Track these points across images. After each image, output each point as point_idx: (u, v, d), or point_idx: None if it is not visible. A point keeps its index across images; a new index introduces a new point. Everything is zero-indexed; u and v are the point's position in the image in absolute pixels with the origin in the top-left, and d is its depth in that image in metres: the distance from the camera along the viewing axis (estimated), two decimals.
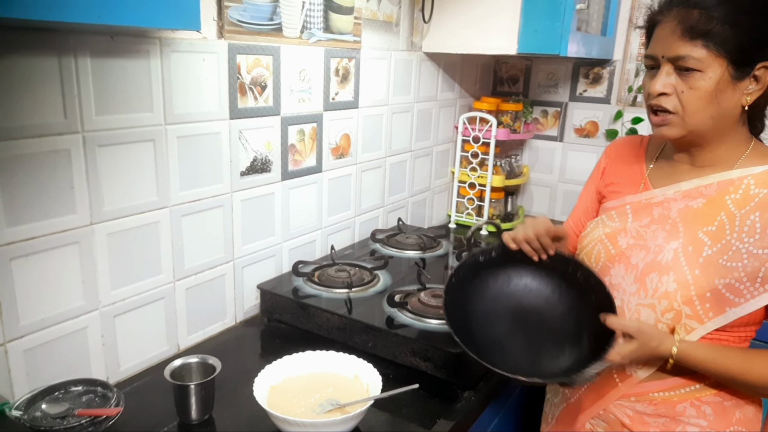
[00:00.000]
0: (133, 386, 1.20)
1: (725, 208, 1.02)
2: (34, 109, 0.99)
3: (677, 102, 1.00)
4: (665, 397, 1.05)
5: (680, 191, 1.08)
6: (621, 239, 1.11)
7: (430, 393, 1.18)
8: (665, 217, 1.08)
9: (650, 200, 1.11)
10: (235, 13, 1.30)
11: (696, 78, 0.97)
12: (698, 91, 0.98)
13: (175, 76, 1.20)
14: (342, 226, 1.82)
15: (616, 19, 2.23)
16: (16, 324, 1.02)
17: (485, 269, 1.15)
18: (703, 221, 1.03)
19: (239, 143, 1.39)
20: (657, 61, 1.01)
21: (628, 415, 1.08)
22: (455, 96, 2.31)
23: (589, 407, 1.13)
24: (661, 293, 1.03)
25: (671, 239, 1.04)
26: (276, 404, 1.04)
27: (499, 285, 1.15)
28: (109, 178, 1.12)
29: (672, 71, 0.99)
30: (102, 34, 1.06)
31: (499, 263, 1.15)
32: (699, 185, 1.06)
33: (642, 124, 2.27)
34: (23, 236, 1.01)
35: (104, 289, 1.15)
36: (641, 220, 1.10)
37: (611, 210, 1.17)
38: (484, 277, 1.15)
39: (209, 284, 1.39)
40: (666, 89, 1.00)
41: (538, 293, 1.14)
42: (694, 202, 1.05)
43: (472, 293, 1.14)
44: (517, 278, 1.15)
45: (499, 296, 1.14)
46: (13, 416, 0.89)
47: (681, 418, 1.05)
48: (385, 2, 1.79)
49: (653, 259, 1.05)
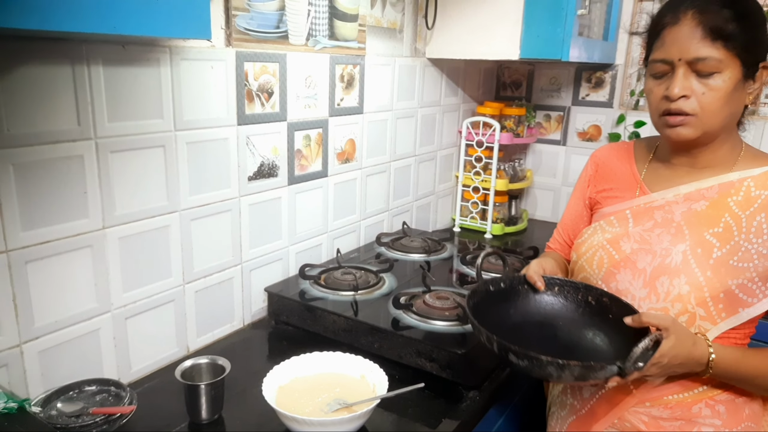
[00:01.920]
0: (144, 387, 1.22)
1: (728, 210, 1.03)
2: (49, 116, 1.02)
3: (696, 104, 1.00)
4: (680, 399, 1.04)
5: (680, 194, 1.08)
6: (624, 244, 1.11)
7: (435, 393, 1.20)
8: (668, 220, 1.08)
9: (650, 204, 1.11)
10: (243, 21, 1.33)
11: (714, 79, 0.98)
12: (717, 92, 0.98)
13: (185, 84, 1.23)
14: (347, 229, 1.84)
15: (617, 24, 2.25)
16: (31, 326, 1.05)
17: (497, 298, 1.15)
18: (708, 223, 1.03)
19: (247, 149, 1.41)
20: (671, 65, 1.01)
21: (644, 421, 1.06)
22: (459, 101, 2.33)
23: (603, 417, 1.10)
24: (673, 296, 1.02)
25: (678, 242, 1.04)
26: (284, 404, 1.06)
27: (520, 304, 1.15)
28: (121, 183, 1.15)
29: (689, 73, 0.99)
30: (114, 43, 1.09)
31: (508, 293, 1.16)
32: (699, 188, 1.07)
33: (645, 127, 2.29)
34: (38, 240, 1.03)
35: (116, 291, 1.18)
36: (644, 225, 1.10)
37: (610, 215, 1.17)
38: (499, 303, 1.14)
39: (218, 287, 1.42)
40: (686, 92, 1.00)
41: (562, 308, 1.14)
42: (697, 205, 1.06)
43: (495, 313, 1.11)
44: (538, 297, 1.15)
45: (525, 313, 1.14)
46: (33, 412, 0.91)
47: (697, 419, 1.04)
48: (388, 9, 1.82)
49: (661, 263, 1.05)
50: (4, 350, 1.02)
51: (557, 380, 0.94)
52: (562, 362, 0.89)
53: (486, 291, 1.14)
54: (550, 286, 1.15)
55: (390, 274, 1.61)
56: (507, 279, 1.17)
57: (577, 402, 1.16)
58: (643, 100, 2.29)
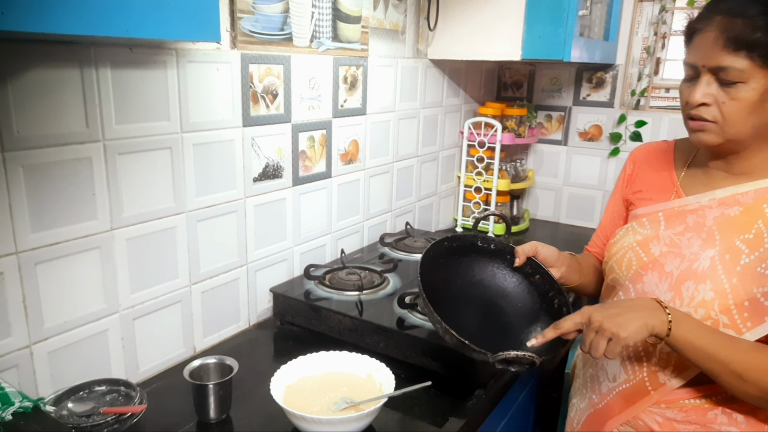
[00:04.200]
0: (151, 387, 1.22)
1: (762, 216, 1.00)
2: (58, 118, 1.02)
3: (717, 112, 0.98)
4: (696, 404, 1.03)
5: (715, 199, 1.06)
6: (654, 246, 1.09)
7: (441, 392, 1.21)
8: (700, 224, 1.06)
9: (684, 207, 1.10)
10: (248, 24, 1.34)
11: (738, 89, 0.95)
12: (741, 102, 0.96)
13: (191, 86, 1.24)
14: (351, 230, 1.85)
15: (618, 25, 2.26)
16: (40, 326, 1.06)
17: (470, 253, 1.25)
18: (740, 229, 1.01)
19: (252, 150, 1.42)
20: (696, 70, 0.99)
21: (658, 422, 1.06)
22: (460, 101, 2.34)
23: (618, 413, 1.10)
24: (697, 302, 1.01)
25: (707, 247, 1.03)
26: (292, 403, 1.06)
27: (490, 273, 1.25)
28: (129, 184, 1.16)
29: (713, 81, 0.97)
30: (122, 45, 1.10)
31: (486, 255, 1.25)
32: (735, 193, 1.04)
33: (645, 127, 2.30)
34: (47, 241, 1.04)
35: (124, 292, 1.19)
36: (675, 228, 1.09)
37: (642, 217, 1.16)
38: (464, 259, 1.24)
39: (224, 288, 1.42)
40: (706, 99, 0.98)
41: (526, 296, 1.23)
42: (731, 210, 1.04)
43: (452, 269, 1.22)
44: (510, 274, 1.25)
45: (489, 283, 1.24)
46: (48, 411, 0.92)
47: (712, 425, 1.02)
48: (391, 11, 1.83)
49: (688, 267, 1.03)
50: (14, 351, 1.03)
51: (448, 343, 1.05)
52: (445, 327, 1.02)
53: (473, 244, 1.24)
54: (531, 271, 1.23)
55: (394, 274, 1.62)
56: (498, 242, 1.25)
57: (596, 396, 1.16)
58: (643, 100, 2.31)
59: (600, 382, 1.15)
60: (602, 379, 1.15)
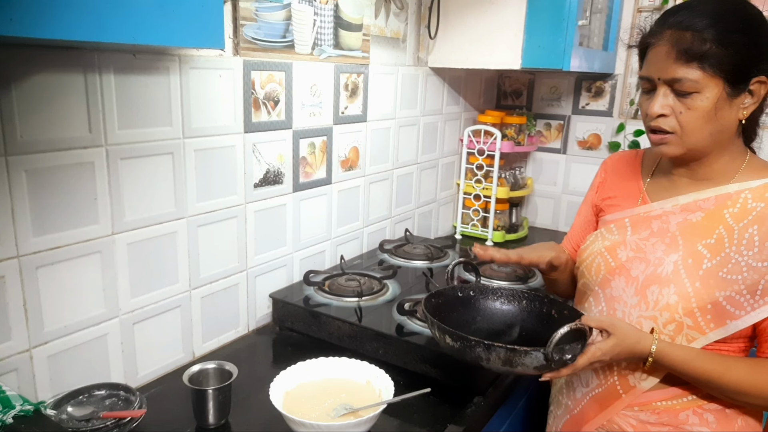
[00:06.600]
0: (151, 392, 1.22)
1: (723, 222, 1.03)
2: (61, 123, 1.03)
3: (675, 122, 1.01)
4: (668, 406, 1.07)
5: (678, 205, 1.10)
6: (621, 252, 1.13)
7: (440, 399, 1.21)
8: (664, 230, 1.09)
9: (648, 213, 1.13)
10: (250, 30, 1.35)
11: (693, 99, 0.99)
12: (696, 111, 0.99)
13: (193, 92, 1.25)
14: (351, 236, 1.86)
15: (617, 34, 2.28)
16: (40, 330, 1.06)
17: (460, 303, 1.25)
18: (702, 234, 1.04)
19: (253, 156, 1.43)
20: (653, 83, 1.03)
21: (632, 425, 1.09)
22: (460, 109, 2.36)
23: (593, 418, 1.14)
24: (662, 305, 1.04)
25: (671, 252, 1.06)
26: (291, 409, 1.06)
27: (486, 312, 1.25)
28: (130, 189, 1.16)
29: (669, 92, 1.01)
30: (125, 51, 1.10)
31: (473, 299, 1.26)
32: (697, 199, 1.08)
33: (643, 136, 2.31)
34: (49, 245, 1.05)
35: (124, 297, 1.19)
36: (640, 233, 1.12)
37: (610, 223, 1.19)
38: (459, 307, 1.24)
39: (223, 293, 1.43)
40: (664, 110, 1.01)
41: (526, 317, 1.23)
42: (693, 216, 1.07)
43: (450, 316, 1.19)
44: (501, 306, 1.25)
45: (490, 320, 1.23)
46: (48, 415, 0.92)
47: (684, 426, 1.06)
48: (392, 19, 1.84)
49: (653, 272, 1.06)
50: (14, 355, 1.03)
51: (488, 364, 0.99)
52: (488, 343, 0.96)
53: (453, 295, 1.23)
54: (517, 298, 1.24)
55: (393, 281, 1.62)
56: (473, 285, 1.27)
57: (571, 402, 1.20)
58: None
59: (574, 388, 1.19)
60: (576, 385, 1.19)
